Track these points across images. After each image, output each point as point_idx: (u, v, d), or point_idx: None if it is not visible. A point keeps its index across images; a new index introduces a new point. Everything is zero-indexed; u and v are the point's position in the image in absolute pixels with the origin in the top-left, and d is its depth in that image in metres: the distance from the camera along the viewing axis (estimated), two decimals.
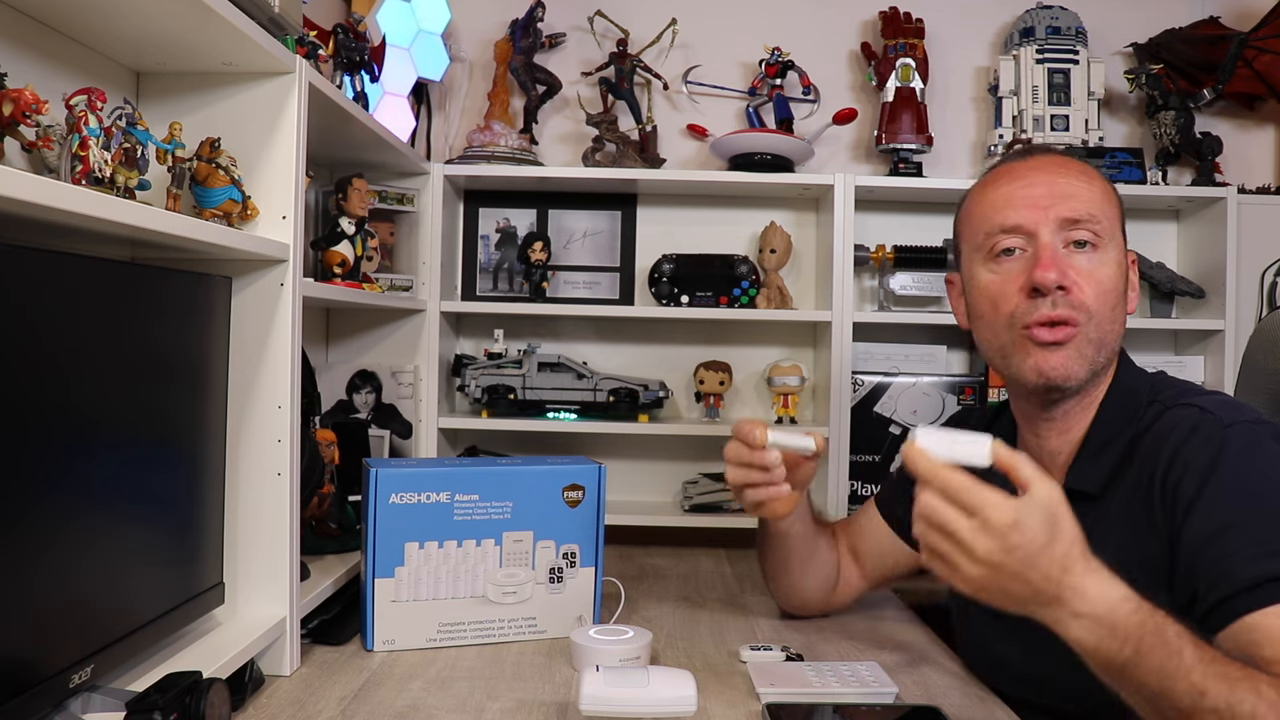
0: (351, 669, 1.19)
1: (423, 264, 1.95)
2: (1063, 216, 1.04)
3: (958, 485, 0.81)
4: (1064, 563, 0.81)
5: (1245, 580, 0.87)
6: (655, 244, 2.11)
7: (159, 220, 0.91)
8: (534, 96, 2.08)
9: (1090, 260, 1.04)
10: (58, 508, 0.84)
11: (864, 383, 2.03)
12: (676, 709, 1.00)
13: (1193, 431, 0.96)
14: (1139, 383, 1.09)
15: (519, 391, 1.97)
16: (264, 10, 1.14)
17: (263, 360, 1.16)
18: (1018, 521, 0.79)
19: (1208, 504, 0.92)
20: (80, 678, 0.85)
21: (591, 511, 1.34)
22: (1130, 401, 1.06)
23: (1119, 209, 1.10)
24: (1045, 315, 1.02)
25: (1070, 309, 1.02)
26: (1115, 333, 1.06)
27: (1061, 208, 1.04)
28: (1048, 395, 1.07)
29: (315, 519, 1.46)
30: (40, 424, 0.81)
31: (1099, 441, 1.05)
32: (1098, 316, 1.03)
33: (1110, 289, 1.04)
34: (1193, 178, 2.11)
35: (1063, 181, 1.06)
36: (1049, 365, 1.03)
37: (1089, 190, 1.06)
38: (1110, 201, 1.08)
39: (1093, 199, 1.06)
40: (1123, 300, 1.07)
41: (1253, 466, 0.93)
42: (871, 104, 2.16)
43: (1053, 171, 1.07)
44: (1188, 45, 2.13)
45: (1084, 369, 1.03)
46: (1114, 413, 1.06)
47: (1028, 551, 0.79)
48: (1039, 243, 1.04)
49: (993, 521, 0.79)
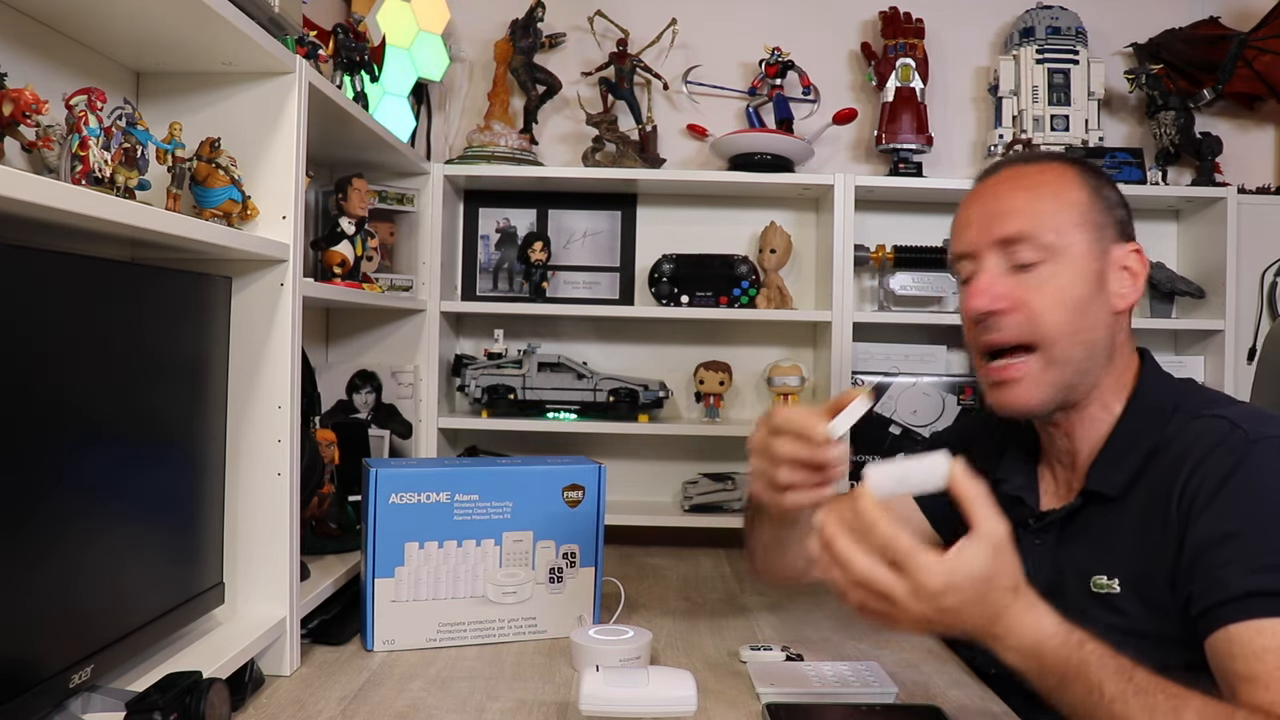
0: (351, 669, 1.19)
1: (423, 264, 1.95)
2: (997, 237, 1.02)
3: (893, 547, 0.81)
4: (996, 609, 0.83)
5: (1235, 590, 0.86)
6: (655, 244, 2.11)
7: (159, 220, 0.91)
8: (534, 96, 2.09)
9: (1038, 276, 1.01)
10: (58, 508, 0.84)
11: (864, 383, 2.03)
12: (676, 709, 1.00)
13: (1218, 444, 0.94)
14: (1164, 388, 1.06)
15: (519, 391, 1.97)
16: (264, 10, 1.14)
17: (263, 360, 1.16)
18: (949, 585, 0.80)
19: (1218, 510, 0.91)
20: (80, 678, 0.85)
21: (591, 511, 1.34)
22: (1155, 408, 1.03)
23: (1084, 208, 1.04)
24: (990, 340, 1.02)
25: (1015, 330, 1.00)
26: (1089, 339, 1.01)
27: (997, 229, 1.02)
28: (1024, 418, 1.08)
29: (315, 519, 1.46)
30: (40, 424, 0.81)
31: (1122, 446, 1.03)
32: (1053, 332, 1.00)
33: (1064, 300, 1.00)
34: (1193, 178, 2.11)
35: (1006, 199, 1.04)
36: (1003, 400, 1.03)
37: (1034, 202, 1.03)
38: (1066, 206, 1.03)
39: (1037, 210, 1.02)
40: (1094, 303, 1.02)
41: (1270, 480, 0.91)
42: (871, 104, 2.16)
43: (999, 189, 1.06)
44: (1188, 45, 2.13)
45: (1045, 394, 1.01)
46: (1138, 416, 1.04)
47: (960, 607, 0.81)
48: (978, 268, 1.03)
49: (925, 586, 0.80)
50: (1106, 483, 1.02)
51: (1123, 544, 0.99)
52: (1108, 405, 1.05)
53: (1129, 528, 0.99)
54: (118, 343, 0.94)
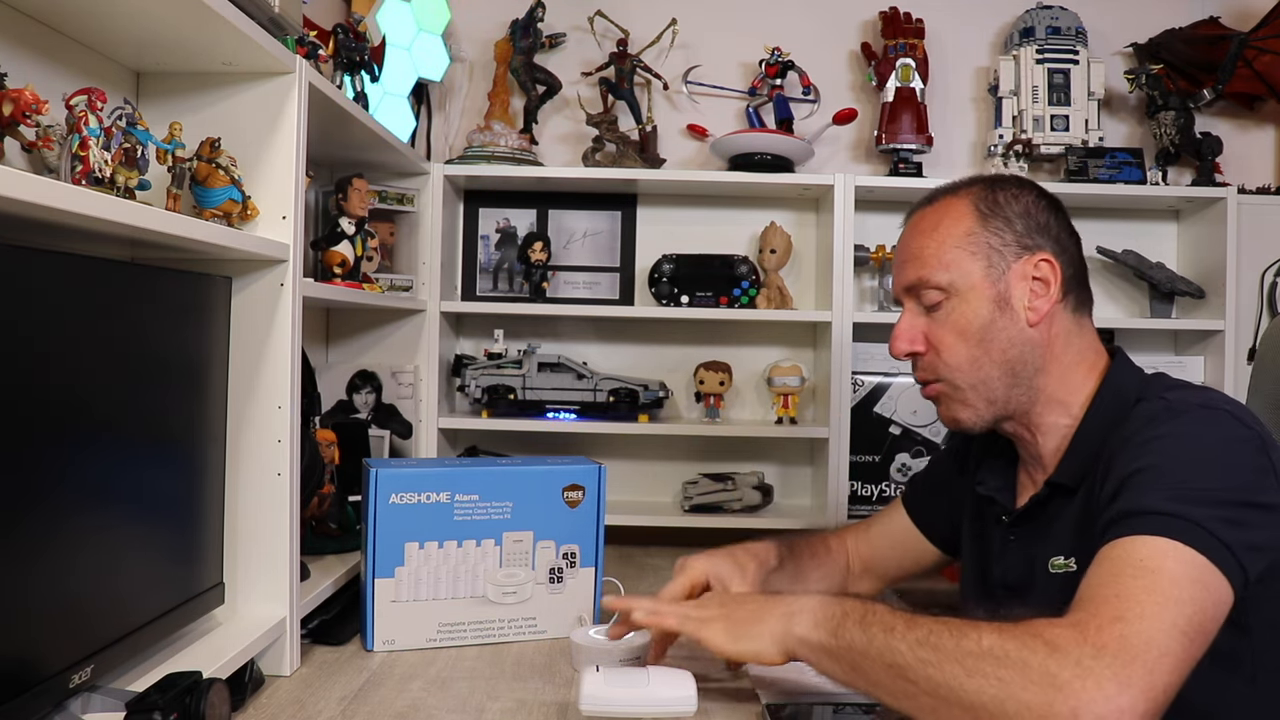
0: (351, 669, 1.19)
1: (423, 264, 1.95)
2: (903, 286, 1.10)
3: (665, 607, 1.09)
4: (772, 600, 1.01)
5: (1114, 512, 0.87)
6: (655, 244, 2.11)
7: (159, 220, 0.91)
8: (534, 96, 2.09)
9: (940, 314, 1.06)
10: (58, 508, 0.84)
11: (864, 383, 2.03)
12: (676, 709, 1.00)
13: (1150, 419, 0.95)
14: (1130, 383, 1.06)
15: (519, 391, 1.97)
16: (264, 10, 1.14)
17: (263, 360, 1.16)
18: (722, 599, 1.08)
19: (1116, 466, 0.92)
20: (80, 678, 0.85)
21: (591, 511, 1.34)
22: (1117, 401, 1.04)
23: (972, 239, 1.05)
24: (917, 377, 1.11)
25: (926, 371, 1.09)
26: (1001, 363, 1.04)
27: (901, 278, 1.10)
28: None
29: (315, 519, 1.46)
30: (40, 424, 0.81)
31: (1083, 438, 1.06)
32: (956, 369, 1.06)
33: (965, 333, 1.04)
34: (1193, 178, 2.11)
35: (906, 246, 1.11)
36: (941, 418, 1.11)
37: (925, 247, 1.07)
38: (954, 241, 1.05)
39: (927, 255, 1.06)
40: (996, 328, 1.04)
41: (1180, 430, 0.92)
42: (871, 104, 2.16)
43: (903, 238, 1.12)
44: (1188, 45, 2.13)
45: (971, 415, 1.07)
46: (1101, 412, 1.05)
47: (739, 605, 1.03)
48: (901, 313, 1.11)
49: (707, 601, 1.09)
50: (1066, 474, 1.05)
51: (1075, 527, 1.01)
52: (1066, 407, 1.06)
53: (1078, 510, 1.01)
54: (118, 343, 0.94)
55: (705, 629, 1.02)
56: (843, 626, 0.90)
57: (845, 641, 0.89)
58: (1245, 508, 0.85)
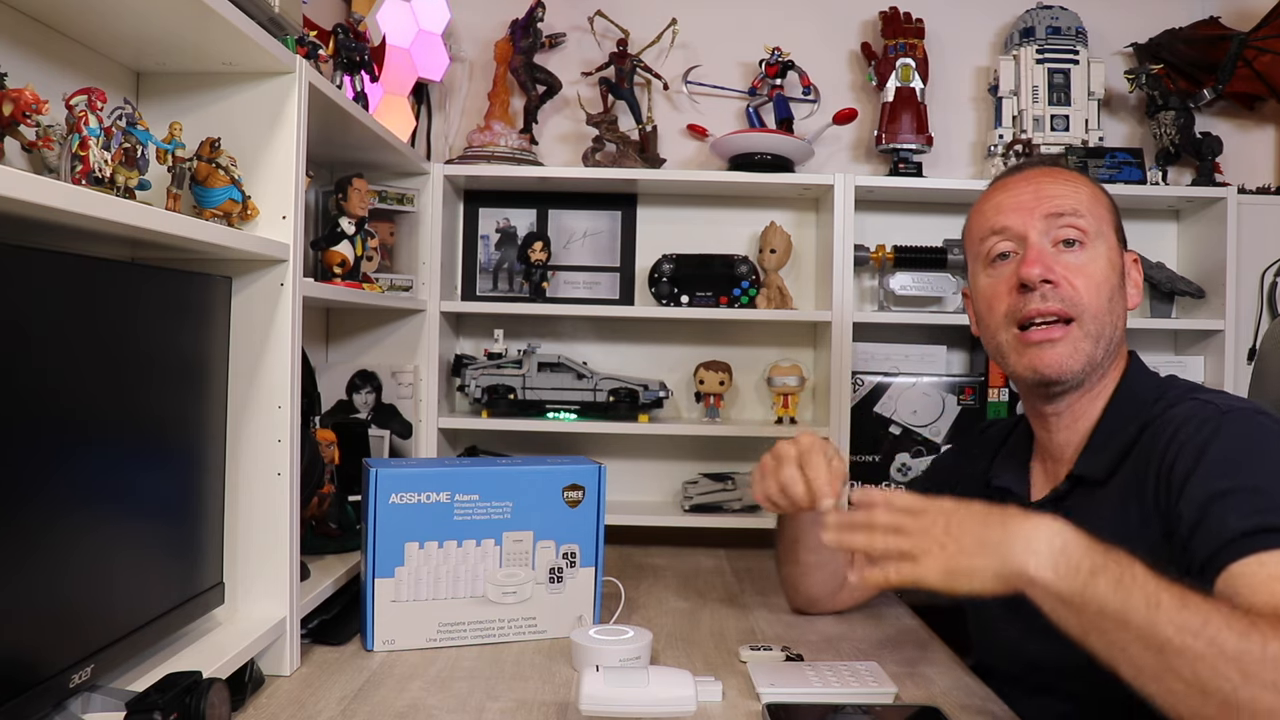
0: (351, 669, 1.19)
1: (423, 264, 1.95)
2: (1047, 213, 1.09)
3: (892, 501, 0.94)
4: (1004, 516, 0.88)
5: (1232, 533, 0.88)
6: (655, 244, 2.11)
7: (159, 220, 0.91)
8: (534, 96, 2.08)
9: (1079, 257, 1.08)
10: (58, 508, 0.84)
11: (864, 383, 2.03)
12: (676, 709, 1.00)
13: (1190, 419, 0.99)
14: (1148, 381, 1.12)
15: (519, 391, 1.97)
16: (264, 10, 1.14)
17: (263, 360, 1.16)
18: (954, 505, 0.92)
19: (1200, 478, 0.93)
20: (80, 678, 0.85)
21: (591, 511, 1.34)
22: (1138, 398, 1.09)
23: (1111, 210, 1.14)
24: (1035, 309, 1.07)
25: (1060, 303, 1.06)
26: (1113, 324, 1.09)
27: (1046, 206, 1.09)
28: (1048, 390, 1.10)
29: (315, 519, 1.46)
30: (41, 424, 0.81)
31: (1107, 432, 1.08)
32: (1091, 309, 1.07)
33: (1102, 282, 1.08)
34: (1193, 178, 2.11)
35: (1048, 184, 1.11)
36: (1043, 362, 1.07)
37: (1074, 191, 1.11)
38: (1099, 202, 1.12)
39: (1079, 198, 1.10)
40: (1119, 294, 1.10)
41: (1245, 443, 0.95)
42: (871, 104, 2.16)
43: (1039, 178, 1.13)
44: (1188, 45, 2.13)
45: (1079, 362, 1.07)
46: (1123, 407, 1.09)
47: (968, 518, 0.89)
48: (1027, 242, 1.09)
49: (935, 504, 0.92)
50: (1092, 467, 1.07)
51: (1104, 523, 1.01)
52: (1099, 395, 1.11)
53: (1110, 507, 1.02)
54: (118, 343, 0.94)
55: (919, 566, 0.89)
56: (1093, 582, 0.81)
57: (1094, 600, 0.80)
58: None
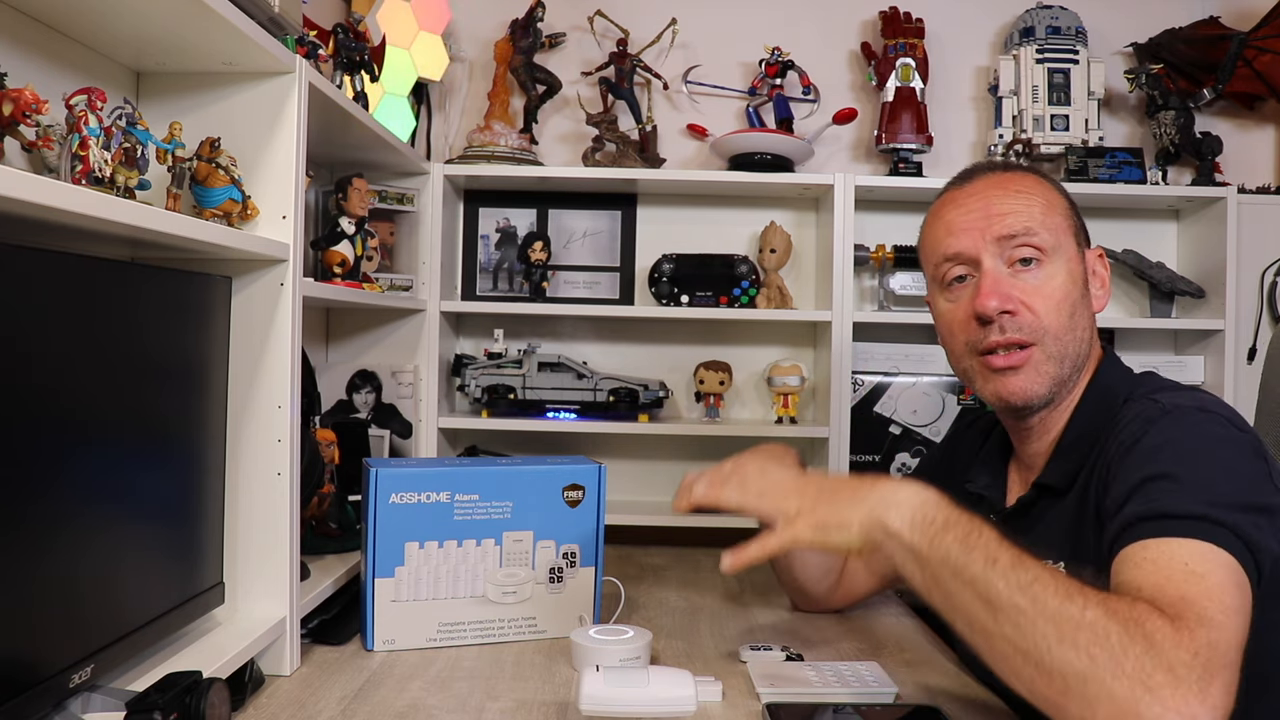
0: (351, 669, 1.18)
1: (423, 264, 1.95)
2: (999, 235, 1.05)
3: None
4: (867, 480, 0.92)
5: (1126, 520, 0.87)
6: (655, 244, 2.11)
7: (159, 220, 0.91)
8: (534, 96, 2.08)
9: (1037, 276, 1.04)
10: (58, 507, 0.84)
11: (864, 383, 2.03)
12: (676, 709, 1.00)
13: (1135, 419, 0.96)
14: (1118, 380, 1.08)
15: (519, 391, 1.97)
16: (264, 10, 1.14)
17: (263, 360, 1.16)
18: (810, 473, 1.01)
19: (1124, 473, 0.92)
20: (80, 678, 0.85)
21: (591, 511, 1.34)
22: (1106, 400, 1.06)
23: (1068, 214, 1.09)
24: (994, 341, 1.04)
25: (1019, 331, 1.04)
26: (1077, 340, 1.06)
27: (998, 227, 1.05)
28: (1017, 412, 1.09)
29: (315, 519, 1.46)
30: (40, 424, 0.81)
31: (1071, 439, 1.06)
32: (1053, 330, 1.04)
33: (1061, 299, 1.04)
34: (1193, 178, 2.11)
35: (998, 200, 1.06)
36: (1007, 390, 1.05)
37: (1027, 206, 1.06)
38: (1054, 209, 1.07)
39: (1031, 212, 1.05)
40: (1082, 305, 1.06)
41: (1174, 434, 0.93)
42: (871, 104, 2.16)
43: (989, 193, 1.08)
44: (1188, 45, 2.13)
45: (1043, 387, 1.05)
46: (1089, 411, 1.06)
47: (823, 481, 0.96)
48: (981, 269, 1.05)
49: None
50: (1054, 476, 1.06)
51: (1066, 530, 1.01)
52: (1067, 406, 1.08)
53: (1070, 517, 1.02)
54: (118, 343, 0.93)
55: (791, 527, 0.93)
56: (941, 537, 0.84)
57: (940, 553, 0.83)
58: (1258, 511, 0.85)
